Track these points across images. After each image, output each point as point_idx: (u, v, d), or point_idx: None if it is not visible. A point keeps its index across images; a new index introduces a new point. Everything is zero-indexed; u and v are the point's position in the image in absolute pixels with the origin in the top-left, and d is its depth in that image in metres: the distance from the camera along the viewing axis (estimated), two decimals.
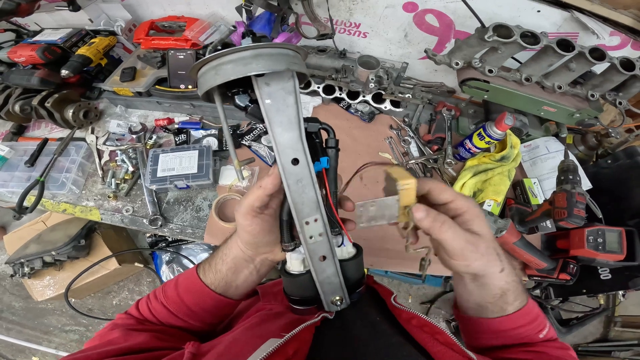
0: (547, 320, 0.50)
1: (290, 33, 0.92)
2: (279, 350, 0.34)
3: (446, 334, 0.39)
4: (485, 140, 0.99)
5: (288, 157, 0.36)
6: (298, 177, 0.37)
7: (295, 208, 0.37)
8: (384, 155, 1.12)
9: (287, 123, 0.35)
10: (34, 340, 2.02)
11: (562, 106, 0.97)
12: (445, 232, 0.38)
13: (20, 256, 1.59)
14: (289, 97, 0.35)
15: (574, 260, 0.94)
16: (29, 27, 1.19)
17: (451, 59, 0.92)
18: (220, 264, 0.48)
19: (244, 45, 0.32)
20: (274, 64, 0.32)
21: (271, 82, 0.34)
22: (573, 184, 0.86)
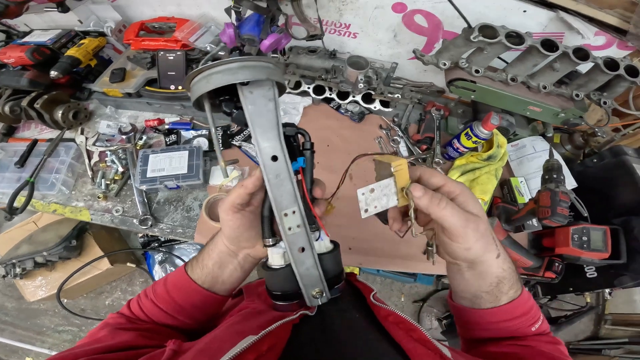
0: (540, 312, 0.49)
1: (280, 34, 0.93)
2: (252, 346, 0.34)
3: (420, 331, 0.40)
4: (473, 140, 1.00)
5: (268, 155, 0.40)
6: (277, 172, 0.40)
7: (275, 200, 0.41)
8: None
9: (268, 125, 0.39)
10: (27, 341, 2.01)
11: (547, 106, 0.98)
12: (444, 208, 0.38)
13: (11, 257, 1.58)
14: (270, 103, 0.39)
15: (559, 258, 0.96)
16: (18, 28, 1.18)
17: (438, 59, 0.93)
18: (207, 259, 0.50)
19: (232, 58, 0.37)
20: (257, 73, 0.37)
21: (254, 90, 0.39)
22: (557, 183, 0.87)
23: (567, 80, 0.99)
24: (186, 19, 1.10)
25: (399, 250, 1.00)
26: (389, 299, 2.12)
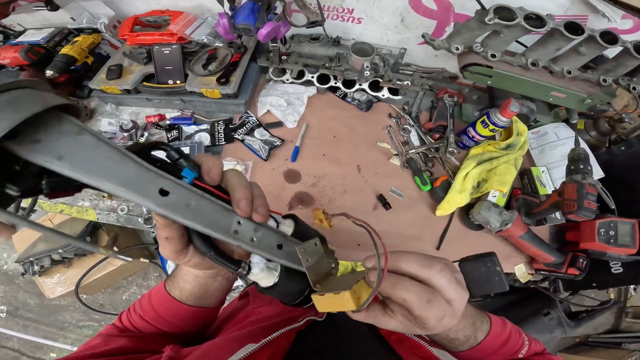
0: (523, 336, 0.49)
1: (278, 22, 0.87)
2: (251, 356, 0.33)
3: (426, 348, 0.38)
4: (490, 128, 0.93)
5: (152, 194, 0.28)
6: (183, 202, 0.30)
7: (212, 229, 0.32)
8: (383, 146, 1.08)
9: (111, 163, 0.26)
10: (51, 337, 2.07)
11: (572, 91, 0.91)
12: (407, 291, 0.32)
13: (29, 255, 1.62)
14: (82, 137, 0.25)
15: (583, 254, 0.89)
16: (14, 28, 1.17)
17: (450, 43, 0.87)
18: (182, 283, 0.46)
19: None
20: (21, 110, 0.21)
21: (41, 137, 0.23)
22: (584, 174, 0.80)
23: (593, 65, 0.92)
24: (180, 12, 1.05)
25: (410, 246, 0.96)
26: None
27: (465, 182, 0.95)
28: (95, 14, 1.13)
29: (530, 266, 0.96)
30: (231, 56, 1.05)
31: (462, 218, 0.98)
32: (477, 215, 0.90)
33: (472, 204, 0.95)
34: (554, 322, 1.37)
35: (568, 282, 1.13)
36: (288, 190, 0.99)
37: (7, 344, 2.10)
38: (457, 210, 0.99)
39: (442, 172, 1.03)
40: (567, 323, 1.38)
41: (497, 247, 0.97)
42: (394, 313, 0.33)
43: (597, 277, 1.00)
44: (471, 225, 0.97)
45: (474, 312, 0.45)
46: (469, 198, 0.95)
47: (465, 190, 0.94)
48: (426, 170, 1.03)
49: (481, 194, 0.97)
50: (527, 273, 0.97)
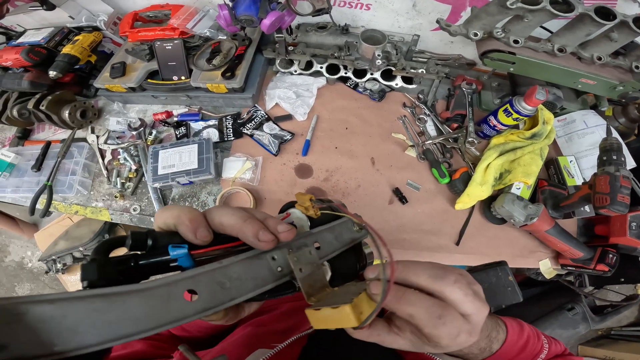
0: (542, 339, 0.46)
1: (282, 11, 0.82)
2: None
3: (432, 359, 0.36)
4: (513, 117, 0.88)
5: (177, 308, 0.24)
6: (214, 289, 0.26)
7: (262, 287, 0.29)
8: (397, 137, 1.03)
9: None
10: None
11: (603, 78, 0.85)
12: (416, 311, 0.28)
13: (51, 253, 1.65)
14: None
15: (613, 249, 0.84)
16: (15, 28, 1.16)
17: (468, 29, 0.82)
18: None
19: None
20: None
21: None
22: (617, 166, 0.74)
23: (623, 51, 0.85)
24: (180, 5, 1.01)
25: (427, 242, 0.92)
26: None
27: (487, 174, 0.89)
28: (93, 11, 1.10)
29: (556, 261, 0.92)
30: (235, 49, 1.01)
31: (484, 212, 0.94)
32: (500, 209, 0.85)
33: (494, 196, 0.90)
34: (578, 317, 1.32)
35: (595, 277, 1.08)
36: (300, 186, 0.97)
37: None
38: (478, 203, 0.94)
39: (461, 164, 0.98)
40: (591, 318, 1.33)
41: (521, 242, 0.93)
42: (400, 330, 0.30)
43: (626, 272, 0.93)
44: (493, 220, 0.92)
45: (489, 323, 0.41)
46: (491, 190, 0.90)
47: (487, 183, 0.89)
48: (444, 162, 0.98)
49: (504, 185, 0.92)
50: (552, 268, 0.93)
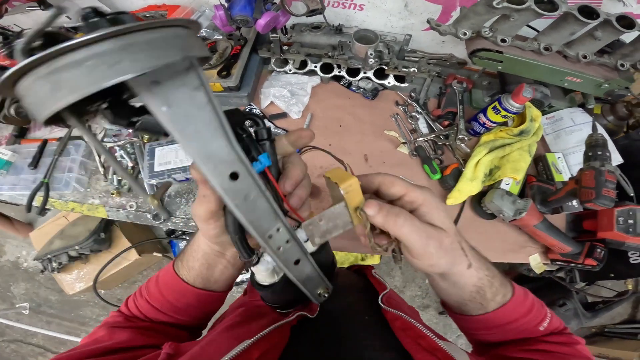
0: (546, 309, 0.46)
1: (276, 12, 0.84)
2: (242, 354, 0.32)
3: (430, 338, 0.36)
4: (502, 114, 0.90)
5: (223, 175, 0.27)
6: (244, 193, 0.29)
7: (253, 226, 0.31)
8: (390, 134, 1.05)
9: (206, 131, 0.25)
10: (73, 333, 2.13)
11: (588, 76, 0.88)
12: (402, 225, 0.33)
13: (47, 252, 1.65)
14: (197, 94, 0.24)
15: (601, 243, 0.86)
16: (12, 28, 1.17)
17: (457, 28, 0.84)
18: (192, 261, 0.46)
19: (101, 31, 0.19)
20: (162, 54, 0.20)
21: (163, 79, 0.22)
22: (602, 161, 0.77)
23: (609, 50, 0.88)
24: (177, 5, 1.03)
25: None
26: (412, 281, 2.05)
27: (477, 170, 0.91)
28: None
29: (546, 256, 0.93)
30: (231, 48, 1.03)
31: (474, 207, 0.96)
32: (490, 204, 0.87)
33: (484, 192, 0.92)
34: (569, 313, 1.34)
35: (585, 273, 1.10)
36: None
37: (32, 340, 2.17)
38: (469, 199, 0.96)
39: (452, 160, 1.00)
40: (583, 314, 1.35)
41: (511, 237, 0.94)
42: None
43: (615, 268, 0.96)
44: (483, 215, 0.94)
45: (494, 269, 0.43)
46: (481, 186, 0.92)
47: (477, 178, 0.91)
48: (435, 159, 1.00)
49: (494, 181, 0.94)
50: (542, 263, 0.94)
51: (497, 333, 0.45)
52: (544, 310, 0.46)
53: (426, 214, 0.35)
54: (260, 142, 0.33)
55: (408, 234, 0.33)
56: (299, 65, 1.09)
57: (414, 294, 2.04)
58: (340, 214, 0.35)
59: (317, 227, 0.35)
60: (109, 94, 0.25)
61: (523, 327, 0.44)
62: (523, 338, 0.45)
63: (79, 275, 1.80)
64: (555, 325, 0.46)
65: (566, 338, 0.45)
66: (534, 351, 0.43)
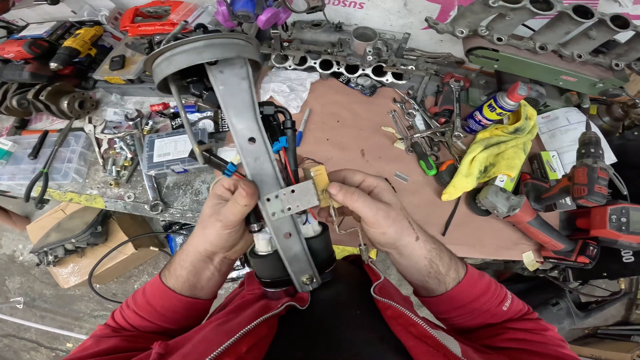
0: (506, 290, 0.50)
1: (277, 8, 0.85)
2: (229, 348, 0.32)
3: (420, 326, 0.36)
4: (497, 112, 0.91)
5: (244, 137, 0.38)
6: (255, 154, 0.39)
7: (255, 182, 0.40)
8: (387, 130, 1.06)
9: (242, 106, 0.38)
10: (67, 327, 2.11)
11: (583, 75, 0.89)
12: (357, 200, 0.42)
13: (43, 245, 1.65)
14: (243, 82, 0.38)
15: (594, 241, 0.87)
16: (17, 23, 1.19)
17: (455, 27, 0.85)
18: (180, 269, 0.47)
19: (196, 36, 0.34)
20: (225, 51, 0.34)
21: (224, 69, 0.37)
22: (595, 158, 0.78)
23: (604, 49, 0.89)
24: (180, 1, 1.04)
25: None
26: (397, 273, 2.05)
27: (472, 166, 0.93)
28: (95, 6, 1.13)
29: (539, 254, 0.94)
30: None
31: (469, 203, 0.97)
32: (484, 200, 0.88)
33: (479, 188, 0.93)
34: (562, 312, 1.35)
35: (578, 272, 1.10)
36: None
37: (25, 335, 2.16)
38: (464, 195, 0.97)
39: (448, 157, 1.01)
40: (576, 314, 1.36)
41: (505, 233, 0.95)
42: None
43: (608, 267, 0.97)
44: (478, 211, 0.95)
45: (442, 245, 0.48)
46: (476, 182, 0.93)
47: (472, 175, 0.92)
48: (431, 155, 1.01)
49: (488, 178, 0.95)
50: (535, 261, 0.95)
51: (463, 314, 0.48)
52: (504, 290, 0.50)
53: (378, 194, 0.45)
54: (285, 129, 0.43)
55: (361, 207, 0.42)
56: (299, 62, 1.10)
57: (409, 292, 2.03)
58: (309, 189, 0.42)
59: (289, 196, 0.41)
60: (195, 74, 0.40)
61: (485, 306, 0.47)
62: (490, 323, 0.48)
63: (75, 269, 1.80)
64: (518, 308, 0.49)
65: (534, 324, 0.47)
66: (506, 340, 0.45)
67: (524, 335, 0.45)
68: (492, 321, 0.48)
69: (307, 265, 0.44)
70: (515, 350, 0.43)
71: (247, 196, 0.38)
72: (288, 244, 0.42)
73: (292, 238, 0.42)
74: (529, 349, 0.43)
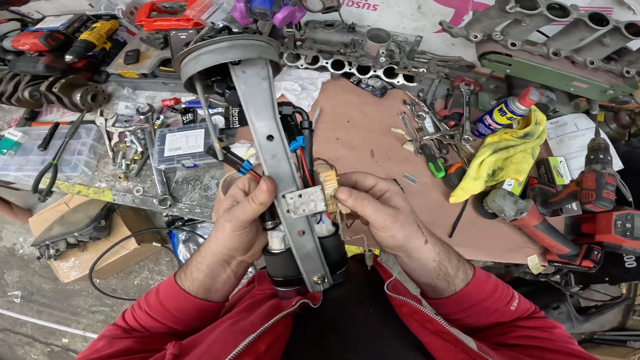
0: (512, 290, 0.51)
1: (294, 7, 0.87)
2: (248, 348, 0.32)
3: (437, 322, 0.37)
4: (507, 116, 0.92)
5: (263, 135, 0.40)
6: (273, 152, 0.40)
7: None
8: (397, 131, 1.07)
9: (262, 105, 0.39)
10: (64, 322, 2.10)
11: (594, 82, 0.90)
12: (366, 206, 0.42)
13: (45, 238, 1.64)
14: (263, 82, 0.39)
15: (598, 246, 0.88)
16: (32, 15, 1.20)
17: (469, 31, 0.87)
18: (196, 272, 0.48)
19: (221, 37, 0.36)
20: (248, 52, 0.36)
21: (246, 69, 0.39)
22: (603, 164, 0.79)
23: (616, 56, 0.90)
24: None
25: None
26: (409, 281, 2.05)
27: (481, 170, 0.94)
28: (112, 0, 1.14)
29: (544, 258, 0.95)
30: None
31: (476, 206, 0.98)
32: (492, 204, 0.89)
33: (486, 192, 0.94)
34: (563, 316, 1.36)
35: (580, 276, 1.12)
36: None
37: (21, 329, 2.15)
38: (471, 198, 0.98)
39: (456, 159, 1.03)
40: (576, 318, 1.37)
41: (510, 237, 0.96)
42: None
43: (610, 272, 0.98)
44: (485, 214, 0.96)
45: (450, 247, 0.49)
46: (484, 186, 0.94)
47: (480, 178, 0.93)
48: (440, 157, 1.02)
49: (496, 182, 0.96)
50: (539, 264, 0.96)
51: (473, 314, 0.49)
52: (511, 291, 0.50)
53: (388, 198, 0.45)
54: (302, 129, 0.44)
55: (371, 213, 0.42)
56: (311, 61, 1.11)
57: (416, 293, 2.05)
58: (314, 193, 0.42)
59: (296, 200, 0.42)
60: (219, 74, 0.42)
61: (494, 306, 0.48)
62: (499, 322, 0.49)
63: (76, 264, 1.79)
64: (525, 307, 0.50)
65: (543, 322, 0.48)
66: (517, 337, 0.46)
67: (534, 332, 0.46)
68: (501, 320, 0.49)
69: (319, 264, 0.44)
70: (527, 347, 0.44)
71: (267, 191, 0.39)
72: (301, 241, 0.43)
73: (306, 236, 0.43)
74: (540, 346, 0.43)
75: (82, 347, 2.05)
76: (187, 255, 1.91)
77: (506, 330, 0.48)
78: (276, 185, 0.40)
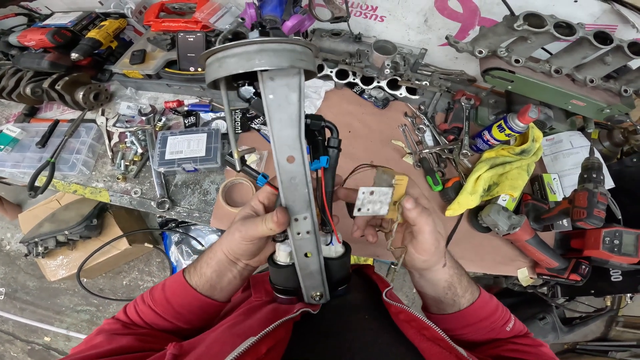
0: (510, 313, 0.53)
1: (303, 15, 0.88)
2: (250, 349, 0.33)
3: (433, 329, 0.38)
4: (506, 133, 0.94)
5: (284, 154, 0.36)
6: (292, 174, 0.37)
7: (287, 204, 0.39)
8: (397, 144, 1.09)
9: (287, 120, 0.35)
10: (47, 321, 2.06)
11: (592, 100, 0.92)
12: (427, 224, 0.41)
13: (34, 235, 1.60)
14: (292, 94, 0.35)
15: (586, 260, 0.91)
16: (40, 11, 1.18)
17: (474, 46, 0.88)
18: (205, 267, 0.49)
19: (250, 39, 0.31)
20: (278, 60, 0.31)
21: (276, 77, 0.34)
22: (596, 183, 0.82)
23: (615, 75, 0.92)
24: (206, 0, 1.06)
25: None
26: (400, 290, 2.09)
27: (477, 185, 0.96)
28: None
29: (533, 270, 0.98)
30: None
31: (470, 220, 1.00)
32: (486, 218, 0.91)
33: (481, 206, 0.97)
34: (548, 326, 1.40)
35: (567, 288, 1.15)
36: None
37: (2, 327, 2.09)
38: (466, 212, 1.00)
39: (454, 174, 1.05)
40: (560, 328, 1.41)
41: (502, 250, 0.99)
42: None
43: (597, 285, 1.01)
44: (479, 227, 0.98)
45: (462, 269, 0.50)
46: (479, 200, 0.96)
47: (477, 193, 0.95)
48: (438, 171, 1.05)
49: (491, 197, 0.99)
50: (529, 277, 0.99)
51: (471, 332, 0.51)
52: (509, 313, 0.53)
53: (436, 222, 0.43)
54: (329, 147, 0.41)
55: (428, 232, 0.41)
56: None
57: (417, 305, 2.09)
58: (386, 196, 0.41)
59: (367, 197, 0.41)
60: (247, 77, 0.39)
61: (492, 326, 0.50)
62: (493, 339, 0.51)
63: (64, 262, 1.75)
64: (520, 328, 0.52)
65: (531, 341, 0.51)
66: (507, 350, 0.48)
67: (523, 348, 0.48)
68: (497, 338, 0.51)
69: (320, 284, 0.44)
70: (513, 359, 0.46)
71: (276, 224, 0.38)
72: (306, 262, 0.43)
73: (311, 258, 0.43)
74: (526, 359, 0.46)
75: (65, 346, 2.03)
76: (179, 257, 1.89)
77: (498, 344, 0.50)
78: (289, 217, 0.39)
